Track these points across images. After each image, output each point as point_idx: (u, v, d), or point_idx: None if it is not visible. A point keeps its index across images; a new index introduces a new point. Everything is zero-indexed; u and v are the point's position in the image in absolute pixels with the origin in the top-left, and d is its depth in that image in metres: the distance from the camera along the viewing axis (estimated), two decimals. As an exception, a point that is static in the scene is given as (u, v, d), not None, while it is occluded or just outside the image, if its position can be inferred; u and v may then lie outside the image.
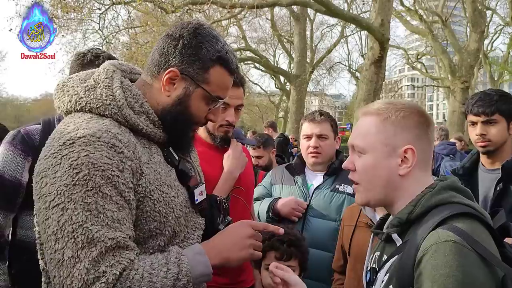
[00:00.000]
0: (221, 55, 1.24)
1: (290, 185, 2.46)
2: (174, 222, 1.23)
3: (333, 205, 2.30)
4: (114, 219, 1.07)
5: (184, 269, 1.13)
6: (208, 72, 1.23)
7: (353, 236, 2.00)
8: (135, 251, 1.12)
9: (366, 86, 9.45)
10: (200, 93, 1.25)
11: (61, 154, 1.08)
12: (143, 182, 1.16)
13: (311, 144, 2.39)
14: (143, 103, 1.24)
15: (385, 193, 1.20)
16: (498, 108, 2.12)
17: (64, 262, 1.04)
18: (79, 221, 1.04)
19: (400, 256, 1.09)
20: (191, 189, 1.33)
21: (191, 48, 1.22)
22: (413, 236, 1.08)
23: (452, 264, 0.96)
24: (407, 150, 1.15)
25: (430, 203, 1.11)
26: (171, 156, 1.31)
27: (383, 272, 1.14)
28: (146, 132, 1.23)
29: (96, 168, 1.07)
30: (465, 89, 14.98)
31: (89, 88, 1.22)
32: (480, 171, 2.25)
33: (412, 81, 60.80)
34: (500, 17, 23.14)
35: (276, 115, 31.50)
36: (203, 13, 12.82)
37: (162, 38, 1.27)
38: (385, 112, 1.19)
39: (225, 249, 1.25)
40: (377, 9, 9.38)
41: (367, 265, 1.33)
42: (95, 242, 1.04)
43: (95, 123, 1.14)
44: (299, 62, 18.18)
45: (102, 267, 1.03)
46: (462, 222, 1.04)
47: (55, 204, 1.06)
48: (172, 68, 1.22)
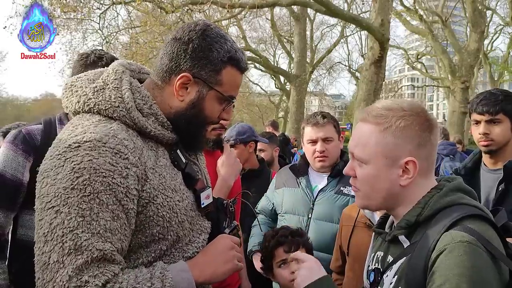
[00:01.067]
0: (231, 55, 1.24)
1: (293, 188, 2.44)
2: (178, 227, 1.22)
3: (337, 208, 2.28)
4: (106, 228, 1.06)
5: (168, 285, 1.11)
6: (221, 73, 1.23)
7: (351, 236, 1.99)
8: (121, 265, 1.10)
9: (366, 86, 9.43)
10: (214, 95, 1.25)
11: (65, 157, 1.08)
12: (147, 187, 1.15)
13: (318, 149, 2.36)
14: (152, 105, 1.23)
15: (385, 202, 1.20)
16: (502, 107, 2.11)
17: (49, 266, 1.03)
18: (71, 226, 1.03)
19: (409, 257, 1.09)
20: (197, 193, 1.32)
21: (202, 52, 1.21)
22: (423, 238, 1.08)
23: (466, 264, 0.97)
24: (408, 162, 1.13)
25: (439, 205, 1.11)
26: (178, 159, 1.30)
27: (391, 273, 1.13)
28: (154, 134, 1.22)
29: (97, 174, 1.06)
30: (465, 89, 14.99)
31: (98, 89, 1.21)
32: (482, 171, 2.23)
33: (412, 81, 60.83)
34: (500, 17, 23.15)
35: (276, 115, 31.49)
36: (203, 13, 12.80)
37: (170, 42, 1.25)
38: (385, 122, 1.15)
39: (209, 265, 1.24)
40: (377, 9, 9.37)
41: (368, 265, 1.32)
42: (82, 250, 1.02)
43: (103, 127, 1.13)
44: (299, 62, 18.17)
45: (85, 276, 1.02)
46: (473, 223, 1.04)
47: (51, 206, 1.05)
48: (184, 73, 1.21)
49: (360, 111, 1.44)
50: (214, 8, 13.87)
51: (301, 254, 1.42)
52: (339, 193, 2.31)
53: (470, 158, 2.33)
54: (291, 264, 1.73)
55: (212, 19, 14.60)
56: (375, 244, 1.35)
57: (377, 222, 1.36)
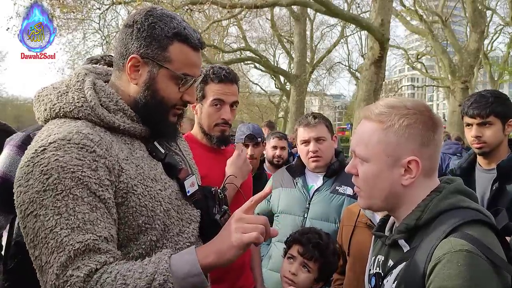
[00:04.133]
0: (177, 31, 1.22)
1: (290, 188, 2.45)
2: (164, 215, 1.22)
3: (332, 207, 2.29)
4: (85, 220, 1.05)
5: (161, 268, 1.05)
6: (167, 50, 1.21)
7: (352, 236, 2.00)
8: (110, 254, 1.07)
9: (366, 86, 9.43)
10: (165, 74, 1.23)
11: (33, 162, 1.08)
12: (123, 178, 1.15)
13: (311, 149, 2.37)
14: (118, 101, 1.24)
15: (387, 201, 1.17)
16: (493, 110, 2.13)
17: (43, 268, 1.05)
18: (50, 226, 1.03)
19: (408, 263, 1.07)
20: (180, 181, 1.32)
21: (145, 31, 1.20)
22: (422, 243, 1.06)
23: (465, 275, 0.94)
24: (410, 162, 1.11)
25: (438, 209, 1.08)
26: (156, 150, 1.31)
27: (392, 279, 1.12)
28: (124, 128, 1.22)
29: (65, 171, 1.06)
30: (465, 89, 14.99)
31: (62, 93, 1.22)
32: (477, 171, 2.26)
33: (412, 81, 60.83)
34: (500, 17, 23.12)
35: (276, 115, 31.48)
36: (203, 13, 12.81)
37: (121, 30, 1.27)
38: (388, 120, 1.13)
39: (214, 242, 1.14)
40: (377, 9, 9.37)
41: (369, 269, 1.31)
42: (63, 246, 1.03)
43: (66, 127, 1.14)
44: (299, 62, 18.16)
45: (69, 271, 1.02)
46: (474, 229, 1.01)
47: (29, 212, 1.06)
48: (132, 55, 1.21)
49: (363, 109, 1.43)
50: (214, 8, 13.87)
51: None
52: (334, 193, 2.32)
53: (465, 158, 2.36)
54: (295, 265, 1.79)
55: (212, 19, 14.61)
56: (375, 248, 1.33)
57: (377, 225, 1.34)
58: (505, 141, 2.20)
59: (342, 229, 2.11)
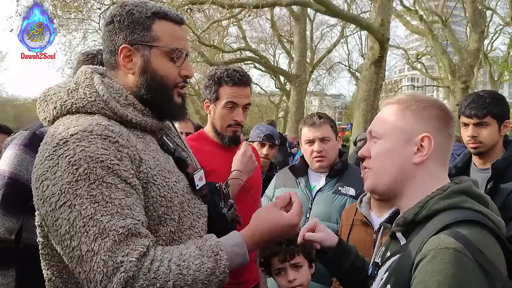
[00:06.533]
0: (154, 10, 1.25)
1: (292, 188, 2.44)
2: (179, 207, 1.24)
3: (334, 207, 2.29)
4: (123, 206, 1.07)
5: (223, 266, 1.13)
6: (152, 29, 1.24)
7: (350, 235, 2.02)
8: (149, 237, 1.11)
9: (366, 86, 9.43)
10: (157, 52, 1.25)
11: (57, 155, 1.08)
12: (143, 168, 1.16)
13: (315, 149, 2.38)
14: (127, 96, 1.25)
15: (395, 180, 1.17)
16: (490, 110, 2.15)
17: (84, 257, 1.04)
18: (89, 214, 1.04)
19: (400, 256, 1.08)
20: (190, 175, 1.34)
21: (126, 19, 1.23)
22: (415, 239, 1.06)
23: (447, 273, 0.93)
24: (423, 138, 1.13)
25: (437, 207, 1.08)
26: (167, 144, 1.33)
27: (384, 269, 1.14)
28: (136, 122, 1.24)
29: (94, 160, 1.07)
30: (465, 89, 15.00)
31: (72, 90, 1.23)
32: (472, 171, 2.28)
33: (412, 81, 60.73)
34: (500, 17, 23.11)
35: (276, 115, 31.48)
36: (203, 12, 12.81)
37: (102, 31, 1.30)
38: (406, 102, 1.19)
39: (264, 236, 1.26)
40: (377, 9, 9.37)
41: (373, 258, 1.33)
42: (107, 232, 1.04)
43: (84, 120, 1.15)
44: (299, 62, 18.17)
45: (119, 257, 1.03)
46: (468, 229, 0.99)
47: (62, 204, 1.05)
48: (121, 46, 1.24)
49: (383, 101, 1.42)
50: (214, 8, 13.87)
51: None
52: (337, 193, 2.32)
53: (461, 158, 2.38)
54: (288, 272, 1.74)
55: (212, 19, 14.61)
56: (383, 240, 1.34)
57: (388, 216, 1.33)
58: (501, 142, 2.22)
59: (341, 229, 2.13)
